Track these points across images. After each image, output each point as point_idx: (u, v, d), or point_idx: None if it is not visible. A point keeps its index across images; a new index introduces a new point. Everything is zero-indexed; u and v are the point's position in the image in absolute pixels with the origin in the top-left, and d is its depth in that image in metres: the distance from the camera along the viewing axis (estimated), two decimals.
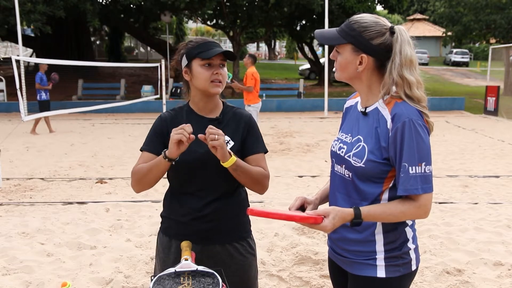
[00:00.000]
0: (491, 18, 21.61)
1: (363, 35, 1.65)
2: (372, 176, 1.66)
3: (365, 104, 1.74)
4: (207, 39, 2.04)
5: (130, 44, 46.67)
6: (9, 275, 3.69)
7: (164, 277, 1.73)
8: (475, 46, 45.95)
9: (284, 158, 8.50)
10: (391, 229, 1.70)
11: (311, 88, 23.32)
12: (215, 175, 1.99)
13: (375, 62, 1.68)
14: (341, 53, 1.71)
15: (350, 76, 1.73)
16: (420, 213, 1.63)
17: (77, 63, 11.14)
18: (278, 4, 19.91)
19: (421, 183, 1.58)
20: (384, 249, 1.70)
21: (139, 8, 21.32)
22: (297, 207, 1.80)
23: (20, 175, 7.25)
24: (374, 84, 1.71)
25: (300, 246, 4.15)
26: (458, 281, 3.55)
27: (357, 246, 1.73)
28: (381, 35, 1.65)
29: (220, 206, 2.02)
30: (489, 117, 15.52)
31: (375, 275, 1.70)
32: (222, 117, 2.06)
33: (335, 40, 1.71)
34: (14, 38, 18.03)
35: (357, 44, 1.66)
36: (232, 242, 2.06)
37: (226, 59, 2.01)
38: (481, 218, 5.01)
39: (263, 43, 49.67)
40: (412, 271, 1.75)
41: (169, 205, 2.08)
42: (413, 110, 1.61)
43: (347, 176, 1.74)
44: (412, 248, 1.74)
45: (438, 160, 8.15)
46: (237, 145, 2.04)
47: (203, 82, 1.97)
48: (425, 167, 1.59)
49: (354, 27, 1.67)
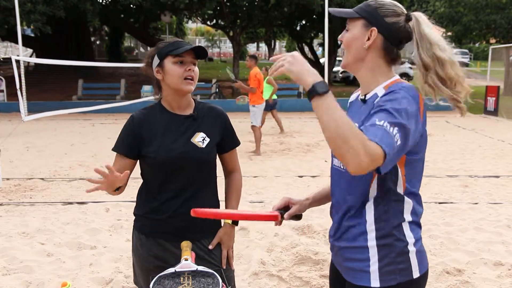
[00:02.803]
0: (491, 18, 21.61)
1: (378, 11, 1.60)
2: None
3: (366, 91, 1.65)
4: (177, 38, 2.08)
5: (130, 44, 46.70)
6: (9, 275, 3.69)
7: (164, 277, 1.73)
8: (475, 46, 45.95)
9: (284, 158, 8.50)
10: (383, 228, 1.57)
11: None
12: (192, 173, 2.02)
13: (382, 43, 1.60)
14: (350, 30, 1.64)
15: (355, 57, 1.62)
16: (362, 153, 1.29)
17: (77, 63, 11.14)
18: (278, 4, 19.91)
19: (381, 136, 1.34)
20: (377, 253, 1.57)
21: (139, 8, 21.30)
22: (278, 207, 1.78)
23: (20, 175, 7.26)
24: (377, 69, 1.63)
25: (300, 246, 4.15)
26: (458, 281, 3.54)
27: (351, 254, 1.63)
28: (397, 15, 1.60)
29: (196, 203, 2.03)
30: (489, 117, 15.52)
31: (369, 284, 1.57)
32: (196, 113, 2.09)
33: (349, 13, 1.64)
34: (14, 38, 18.02)
35: (370, 18, 1.59)
36: (206, 238, 2.09)
37: (197, 58, 2.03)
38: (481, 218, 5.01)
39: (263, 43, 49.64)
40: (414, 279, 1.57)
41: (144, 203, 2.09)
42: (412, 87, 1.53)
43: (343, 168, 1.64)
44: (412, 251, 1.58)
45: (438, 160, 8.15)
46: (213, 141, 2.08)
47: (176, 79, 1.98)
48: (392, 128, 1.37)
49: (370, 4, 1.62)
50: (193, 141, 2.04)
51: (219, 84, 20.36)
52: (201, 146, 2.03)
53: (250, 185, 6.46)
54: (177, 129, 2.04)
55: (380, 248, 1.57)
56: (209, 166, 2.09)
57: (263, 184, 6.57)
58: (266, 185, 6.54)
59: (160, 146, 2.00)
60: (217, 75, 24.11)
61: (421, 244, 1.63)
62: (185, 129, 2.05)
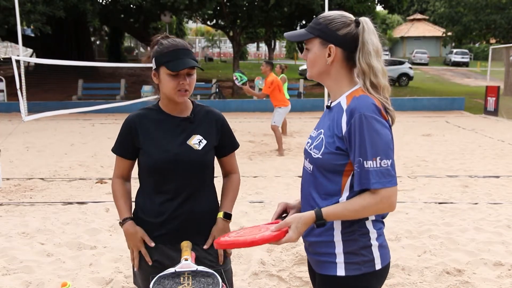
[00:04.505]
0: (491, 18, 21.61)
1: (329, 27, 1.70)
2: (329, 169, 1.68)
3: (333, 99, 1.78)
4: (177, 44, 1.97)
5: (130, 44, 46.69)
6: (9, 275, 3.69)
7: (164, 277, 1.73)
8: (475, 46, 45.96)
9: (284, 158, 8.50)
10: (348, 225, 1.68)
11: (311, 88, 23.31)
12: (188, 175, 2.02)
13: (343, 54, 1.71)
14: (310, 49, 1.75)
15: (319, 71, 1.75)
16: (383, 206, 1.61)
17: (77, 63, 11.14)
18: (278, 4, 19.91)
19: (377, 177, 1.57)
20: (343, 246, 1.69)
21: (139, 8, 21.30)
22: (279, 214, 1.86)
23: (20, 175, 7.25)
24: (341, 78, 1.74)
25: (300, 246, 4.15)
26: (458, 281, 3.54)
27: (319, 248, 1.74)
28: (347, 26, 1.70)
29: (193, 206, 2.03)
30: (489, 117, 15.52)
31: (335, 273, 1.70)
32: (194, 116, 2.08)
33: (303, 36, 1.75)
34: (14, 38, 18.03)
35: (324, 36, 1.70)
36: (204, 240, 2.08)
37: (195, 67, 1.98)
38: (481, 218, 5.01)
39: (263, 43, 49.66)
40: (377, 270, 1.71)
41: (141, 205, 2.08)
42: (368, 104, 1.62)
43: (309, 169, 1.76)
44: (375, 245, 1.71)
45: (438, 160, 8.15)
46: (210, 144, 2.07)
47: (169, 91, 1.97)
48: (380, 161, 1.58)
49: (320, 21, 1.72)
50: (189, 143, 2.03)
51: (219, 84, 20.36)
52: (197, 148, 2.02)
53: (250, 185, 6.46)
54: (174, 130, 2.03)
55: (345, 243, 1.69)
56: (206, 168, 2.08)
57: (263, 184, 6.57)
58: (266, 185, 6.54)
59: (155, 147, 2.00)
60: (217, 75, 24.11)
61: (384, 239, 1.76)
62: (182, 131, 2.04)
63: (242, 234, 1.71)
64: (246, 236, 1.67)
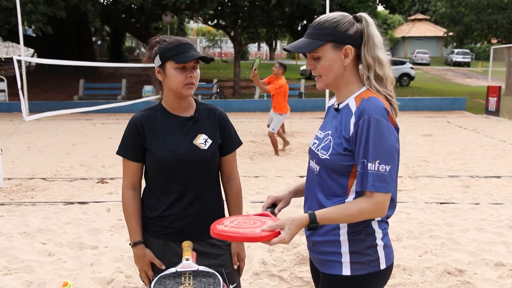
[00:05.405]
0: (492, 18, 21.56)
1: (338, 29, 1.67)
2: (337, 170, 1.68)
3: (340, 100, 1.77)
4: (180, 39, 2.00)
5: (131, 44, 46.73)
6: (11, 274, 3.69)
7: (165, 277, 1.73)
8: (476, 46, 45.89)
9: (285, 158, 8.50)
10: (354, 225, 1.69)
11: (312, 88, 23.28)
12: (195, 175, 2.02)
13: (355, 52, 1.70)
14: (322, 56, 1.69)
15: (336, 76, 1.72)
16: (377, 211, 1.62)
17: (78, 63, 11.14)
18: (279, 4, 19.90)
19: (373, 181, 1.58)
20: (349, 246, 1.70)
21: (140, 9, 21.31)
22: (268, 206, 1.87)
23: (22, 175, 7.26)
24: (352, 79, 1.73)
25: (301, 246, 4.15)
26: (459, 282, 3.54)
27: (324, 247, 1.75)
28: (353, 25, 1.69)
29: (201, 205, 2.04)
30: (491, 117, 15.49)
31: (341, 273, 1.70)
32: (198, 115, 2.07)
33: (313, 44, 1.68)
34: (16, 38, 18.06)
35: (337, 39, 1.67)
36: (209, 238, 2.04)
37: (201, 60, 2.00)
38: (483, 218, 5.00)
39: (264, 43, 49.66)
40: (381, 270, 1.72)
41: (148, 205, 2.08)
42: (378, 107, 1.62)
43: (316, 170, 1.77)
44: (381, 245, 1.72)
45: (439, 160, 8.14)
46: (215, 143, 2.07)
47: (177, 85, 1.96)
48: (378, 165, 1.58)
49: (326, 26, 1.68)
50: (195, 143, 2.02)
51: (220, 84, 20.36)
52: (204, 148, 2.02)
53: (252, 185, 6.46)
54: (179, 131, 2.02)
55: (351, 242, 1.70)
56: (212, 167, 2.08)
57: (264, 184, 6.57)
58: (267, 185, 6.54)
59: (163, 148, 1.99)
60: (218, 75, 24.11)
61: (388, 239, 1.77)
62: (187, 131, 2.03)
63: (237, 225, 1.69)
64: (242, 229, 1.66)
